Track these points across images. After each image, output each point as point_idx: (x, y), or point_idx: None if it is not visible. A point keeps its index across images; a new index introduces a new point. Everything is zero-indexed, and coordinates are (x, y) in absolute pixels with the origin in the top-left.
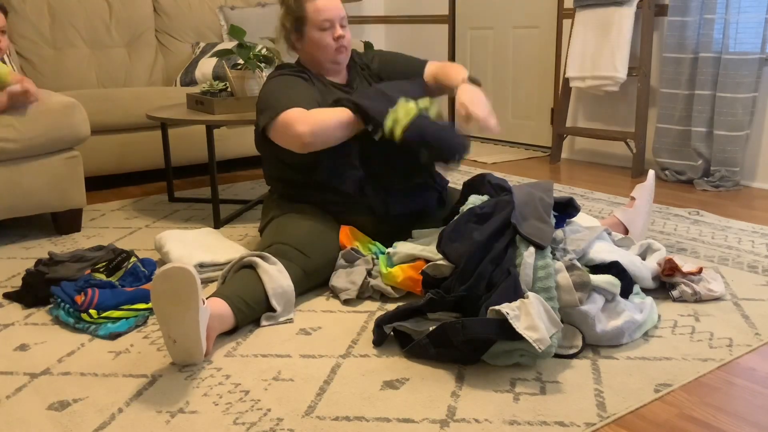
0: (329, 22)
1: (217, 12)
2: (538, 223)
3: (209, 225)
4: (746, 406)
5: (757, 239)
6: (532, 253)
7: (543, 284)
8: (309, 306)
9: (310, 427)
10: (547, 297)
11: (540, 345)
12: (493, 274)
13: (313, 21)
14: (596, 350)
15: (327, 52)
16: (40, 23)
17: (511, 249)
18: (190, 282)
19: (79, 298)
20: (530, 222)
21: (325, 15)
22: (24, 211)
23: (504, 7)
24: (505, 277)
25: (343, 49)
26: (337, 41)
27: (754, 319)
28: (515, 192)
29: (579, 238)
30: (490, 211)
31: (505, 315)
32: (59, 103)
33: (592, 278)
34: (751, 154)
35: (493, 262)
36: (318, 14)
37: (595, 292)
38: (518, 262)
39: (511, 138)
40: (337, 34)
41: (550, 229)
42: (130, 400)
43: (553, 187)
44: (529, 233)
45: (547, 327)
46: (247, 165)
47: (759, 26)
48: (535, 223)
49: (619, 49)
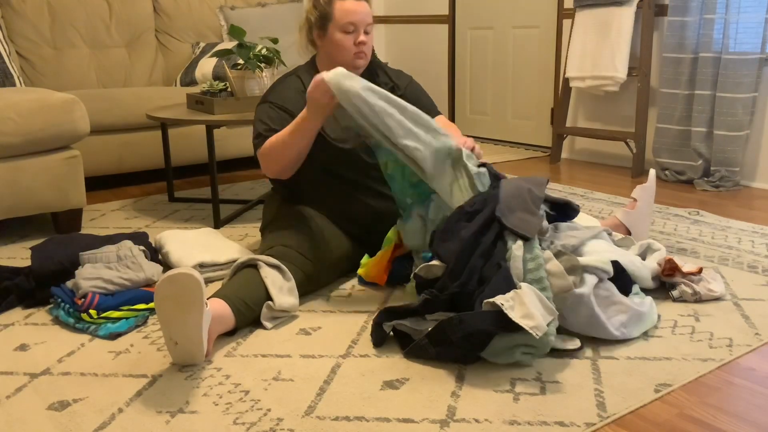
0: (353, 26)
1: (217, 12)
2: (525, 215)
3: (209, 225)
4: (746, 406)
5: (757, 239)
6: (521, 246)
7: (534, 275)
8: (309, 306)
9: (310, 427)
10: (540, 288)
11: (537, 332)
12: (483, 269)
13: (339, 21)
14: (596, 350)
15: (345, 55)
16: (40, 23)
17: (500, 243)
18: (196, 287)
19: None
20: (517, 214)
21: (352, 18)
22: (24, 211)
23: (504, 7)
24: (496, 270)
25: (363, 55)
26: (357, 46)
27: (754, 319)
28: (503, 185)
29: (573, 235)
30: (480, 207)
31: (500, 306)
32: (59, 99)
33: (581, 260)
34: (751, 154)
35: (482, 256)
36: (345, 16)
37: (586, 273)
38: (508, 256)
39: (511, 138)
40: (359, 40)
41: (537, 221)
42: (130, 400)
43: (547, 182)
44: (513, 225)
45: (543, 315)
46: (247, 165)
47: (759, 26)
48: (522, 215)
49: (619, 49)
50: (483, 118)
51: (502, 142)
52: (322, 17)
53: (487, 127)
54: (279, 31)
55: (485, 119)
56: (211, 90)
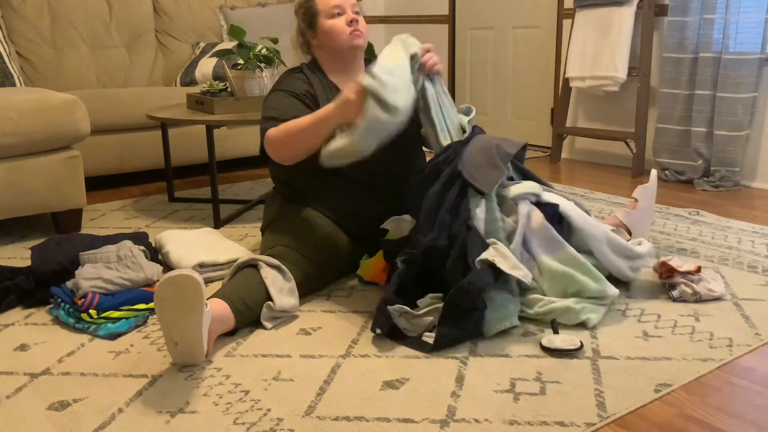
0: (339, 8)
1: (217, 12)
2: (488, 168)
3: (209, 225)
4: (746, 406)
5: (757, 239)
6: (483, 210)
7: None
8: (309, 306)
9: (310, 427)
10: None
11: (527, 279)
12: (452, 226)
13: (324, 10)
14: (596, 350)
15: (342, 38)
16: (40, 23)
17: (465, 198)
18: (196, 289)
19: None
20: (479, 168)
21: (335, 1)
22: (24, 211)
23: (504, 7)
24: (465, 230)
25: (359, 33)
26: (350, 25)
27: (754, 319)
28: (472, 140)
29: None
30: (451, 158)
31: (492, 261)
32: (60, 100)
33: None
34: (751, 154)
35: (450, 212)
36: (328, 1)
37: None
38: (472, 216)
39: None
40: (349, 18)
41: (498, 174)
42: (130, 400)
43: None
44: (472, 179)
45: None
46: (247, 165)
47: (759, 26)
48: (483, 170)
49: (619, 49)
50: (483, 118)
51: None
52: (308, 17)
53: (488, 127)
54: (279, 31)
55: (485, 119)
56: (211, 90)
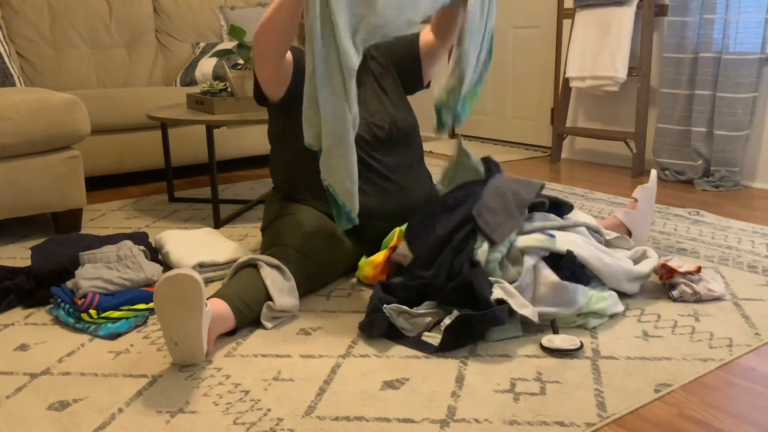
0: None
1: (217, 12)
2: (502, 218)
3: (209, 225)
4: (746, 406)
5: (757, 239)
6: (486, 251)
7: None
8: (309, 306)
9: (310, 427)
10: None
11: (535, 318)
12: (453, 262)
13: None
14: (596, 350)
15: None
16: (40, 23)
17: (471, 240)
18: (196, 288)
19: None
20: (494, 216)
21: None
22: (24, 211)
23: (504, 7)
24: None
25: None
26: None
27: (754, 319)
28: (490, 183)
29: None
30: (462, 200)
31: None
32: (60, 100)
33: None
34: (751, 154)
35: (453, 251)
36: None
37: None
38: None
39: (511, 138)
40: None
41: (512, 225)
42: (130, 400)
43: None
44: (484, 227)
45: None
46: (247, 165)
47: (759, 26)
48: (498, 218)
49: (619, 49)
50: (483, 118)
51: (502, 142)
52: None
53: (487, 127)
54: None
55: (485, 119)
56: (211, 90)
